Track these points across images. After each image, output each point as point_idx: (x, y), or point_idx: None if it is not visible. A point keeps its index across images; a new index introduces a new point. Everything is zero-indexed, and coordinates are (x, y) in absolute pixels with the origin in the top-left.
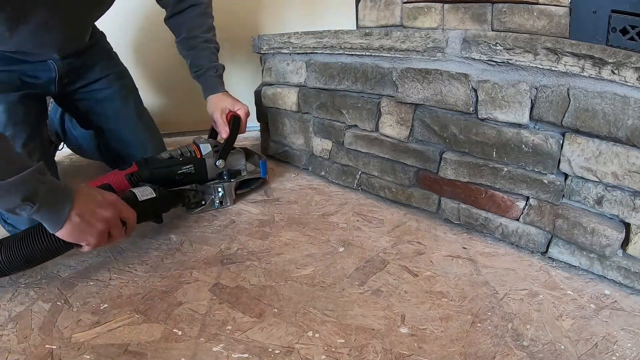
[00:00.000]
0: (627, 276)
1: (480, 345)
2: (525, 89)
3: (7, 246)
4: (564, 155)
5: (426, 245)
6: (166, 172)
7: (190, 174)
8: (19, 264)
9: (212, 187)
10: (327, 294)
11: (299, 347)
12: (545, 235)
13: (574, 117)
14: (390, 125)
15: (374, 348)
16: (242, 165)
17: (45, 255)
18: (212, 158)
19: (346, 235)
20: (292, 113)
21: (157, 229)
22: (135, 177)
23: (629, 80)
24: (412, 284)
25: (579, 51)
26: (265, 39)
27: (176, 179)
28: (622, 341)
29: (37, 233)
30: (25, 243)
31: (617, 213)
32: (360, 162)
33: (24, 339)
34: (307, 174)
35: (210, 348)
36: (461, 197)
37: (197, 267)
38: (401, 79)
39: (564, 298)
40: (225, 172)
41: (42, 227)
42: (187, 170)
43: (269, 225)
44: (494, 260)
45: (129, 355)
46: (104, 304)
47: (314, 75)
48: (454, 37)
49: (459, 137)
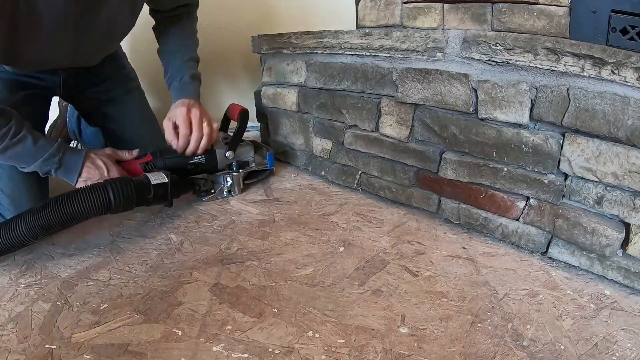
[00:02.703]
0: (627, 276)
1: (480, 345)
2: (525, 89)
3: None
4: (564, 155)
5: (426, 245)
6: (178, 161)
7: (201, 164)
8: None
9: (221, 176)
10: (327, 294)
11: (299, 347)
12: (545, 235)
13: (574, 117)
14: (390, 125)
15: (374, 348)
16: (250, 157)
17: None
18: (222, 149)
19: (346, 235)
20: (292, 113)
21: (157, 229)
22: (150, 165)
23: (629, 80)
24: (412, 284)
25: (579, 51)
26: (265, 39)
27: (188, 169)
28: (622, 341)
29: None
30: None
31: (617, 213)
32: (360, 162)
33: (24, 339)
34: (307, 174)
35: (210, 348)
36: (461, 197)
37: (197, 267)
38: (401, 79)
39: (564, 298)
40: (235, 163)
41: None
42: (198, 160)
43: (269, 225)
44: (494, 260)
45: (129, 355)
46: (104, 304)
47: (314, 75)
48: (454, 37)
49: (459, 137)
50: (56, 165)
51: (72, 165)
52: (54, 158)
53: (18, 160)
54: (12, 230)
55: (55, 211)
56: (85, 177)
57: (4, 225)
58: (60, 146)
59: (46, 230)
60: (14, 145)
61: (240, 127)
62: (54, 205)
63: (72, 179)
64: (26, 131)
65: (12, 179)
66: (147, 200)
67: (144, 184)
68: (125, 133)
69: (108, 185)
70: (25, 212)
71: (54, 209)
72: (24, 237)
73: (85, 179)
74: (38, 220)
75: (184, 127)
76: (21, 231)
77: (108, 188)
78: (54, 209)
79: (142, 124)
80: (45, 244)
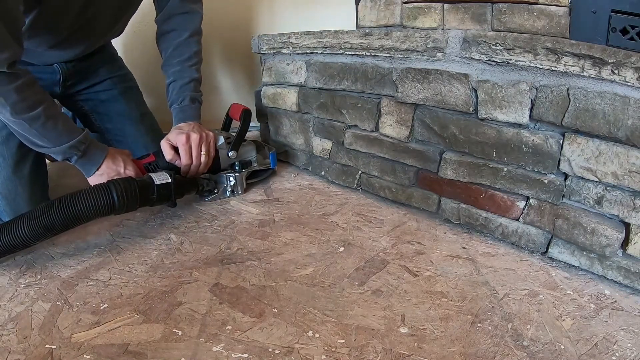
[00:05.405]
0: (627, 276)
1: (480, 345)
2: (525, 89)
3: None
4: (564, 155)
5: (426, 245)
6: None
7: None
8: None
9: (224, 176)
10: (327, 294)
11: (299, 347)
12: (545, 235)
13: (574, 117)
14: (390, 125)
15: (374, 348)
16: (253, 157)
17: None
18: (225, 149)
19: (346, 235)
20: (292, 113)
21: (157, 229)
22: (153, 166)
23: (629, 80)
24: (412, 284)
25: (579, 51)
26: (265, 39)
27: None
28: (622, 341)
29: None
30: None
31: (617, 213)
32: (360, 162)
33: (24, 339)
34: (307, 174)
35: (210, 348)
36: (461, 197)
37: (197, 267)
38: (401, 79)
39: (564, 298)
40: (237, 162)
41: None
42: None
43: (269, 225)
44: (494, 260)
45: (129, 355)
46: (104, 304)
47: (314, 75)
48: (454, 37)
49: (459, 137)
50: (80, 153)
51: (95, 157)
52: (80, 146)
53: (42, 137)
54: (14, 231)
55: (58, 212)
56: (102, 171)
57: (6, 226)
58: (86, 136)
59: (49, 231)
60: (47, 120)
61: (242, 127)
62: (57, 206)
63: (89, 171)
64: (59, 111)
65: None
66: (150, 201)
67: (147, 184)
68: (124, 132)
69: (112, 185)
70: (28, 213)
71: (57, 210)
72: (26, 238)
73: (102, 173)
74: (41, 221)
75: (185, 157)
76: (23, 232)
77: (112, 189)
78: (58, 210)
79: (141, 123)
80: (45, 244)
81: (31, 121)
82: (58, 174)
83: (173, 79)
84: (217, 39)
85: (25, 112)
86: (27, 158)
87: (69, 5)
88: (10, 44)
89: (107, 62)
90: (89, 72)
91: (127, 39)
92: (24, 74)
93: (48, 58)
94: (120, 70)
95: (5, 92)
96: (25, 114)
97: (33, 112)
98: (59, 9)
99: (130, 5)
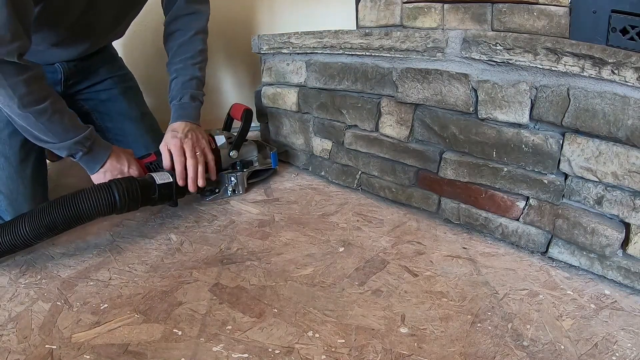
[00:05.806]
0: (627, 276)
1: (480, 345)
2: (525, 89)
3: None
4: (564, 155)
5: (426, 245)
6: None
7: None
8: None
9: (225, 176)
10: (327, 294)
11: (299, 347)
12: (545, 235)
13: (574, 117)
14: (390, 125)
15: (374, 348)
16: (254, 156)
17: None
18: (226, 149)
19: (346, 235)
20: (292, 113)
21: (157, 229)
22: (154, 165)
23: (629, 80)
24: (412, 284)
25: (579, 51)
26: (265, 39)
27: None
28: (622, 341)
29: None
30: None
31: (617, 213)
32: (360, 162)
33: (24, 339)
34: (307, 174)
35: (210, 348)
36: (461, 197)
37: (197, 267)
38: (401, 79)
39: (564, 298)
40: (239, 162)
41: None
42: None
43: (269, 225)
44: (494, 260)
45: (129, 355)
46: (104, 304)
47: (314, 75)
48: (454, 37)
49: (459, 137)
50: (85, 149)
51: (99, 154)
52: (86, 142)
53: (47, 131)
54: (16, 231)
55: (60, 211)
56: (106, 169)
57: (7, 225)
58: (92, 132)
59: (51, 230)
60: (53, 114)
61: (244, 127)
62: (59, 205)
63: (93, 168)
64: (65, 106)
65: (11, 179)
66: (152, 200)
67: (149, 183)
68: (124, 131)
69: (113, 185)
70: (30, 212)
71: (59, 209)
72: (28, 237)
73: (105, 171)
74: (43, 220)
75: (179, 165)
76: (25, 231)
77: (113, 188)
78: (59, 209)
79: (142, 123)
80: (45, 244)
81: (38, 115)
82: (58, 174)
83: (175, 75)
84: (217, 38)
85: (33, 105)
86: (29, 158)
87: (72, 3)
88: (21, 35)
89: (108, 62)
90: (90, 72)
91: (127, 39)
92: (33, 67)
93: (50, 57)
94: (121, 70)
95: (15, 83)
96: (33, 107)
97: (40, 106)
98: (62, 7)
99: (132, 7)
